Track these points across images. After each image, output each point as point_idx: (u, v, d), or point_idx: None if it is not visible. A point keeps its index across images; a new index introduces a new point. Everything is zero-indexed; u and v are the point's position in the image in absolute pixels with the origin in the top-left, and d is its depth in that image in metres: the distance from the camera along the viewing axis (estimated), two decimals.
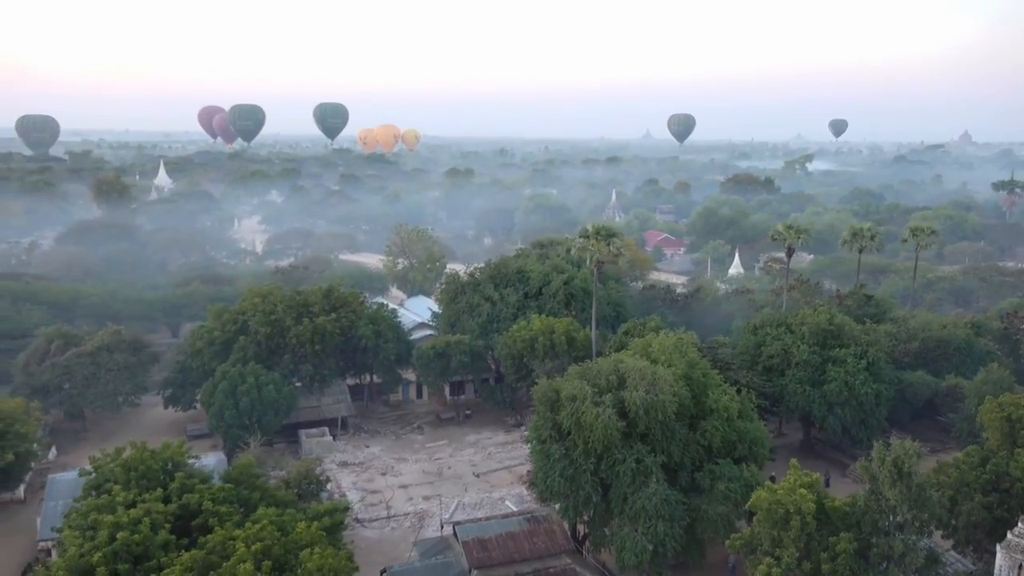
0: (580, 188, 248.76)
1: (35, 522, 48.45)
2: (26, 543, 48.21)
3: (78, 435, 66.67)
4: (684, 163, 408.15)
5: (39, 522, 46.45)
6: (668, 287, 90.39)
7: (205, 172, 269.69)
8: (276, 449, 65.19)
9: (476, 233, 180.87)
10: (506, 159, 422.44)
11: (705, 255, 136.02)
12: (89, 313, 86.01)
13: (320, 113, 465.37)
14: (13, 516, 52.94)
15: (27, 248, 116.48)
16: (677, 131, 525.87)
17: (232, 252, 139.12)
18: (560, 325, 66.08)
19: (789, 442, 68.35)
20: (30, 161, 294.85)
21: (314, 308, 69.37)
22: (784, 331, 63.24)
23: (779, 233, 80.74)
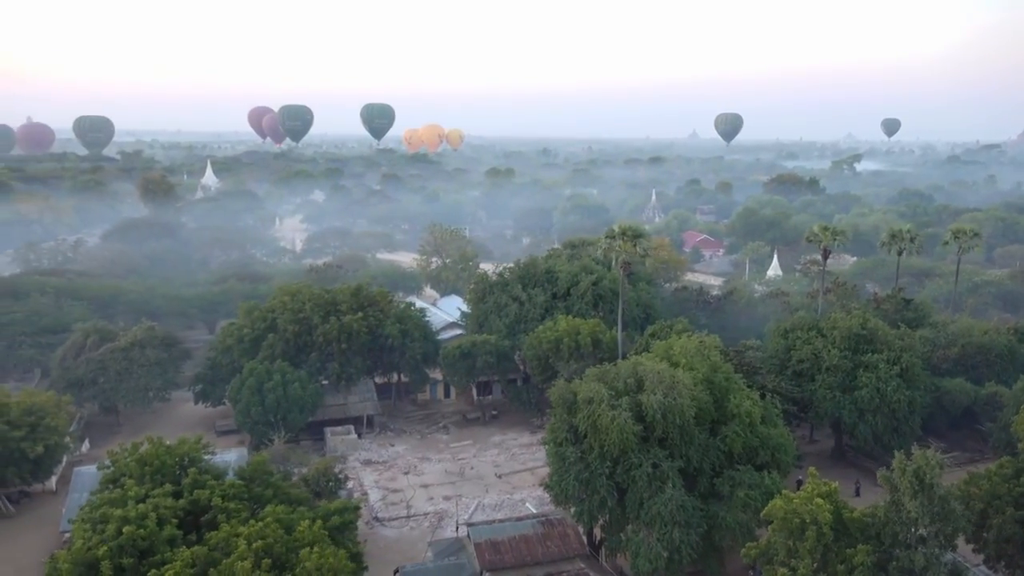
0: (621, 188, 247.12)
1: (62, 513, 49.53)
2: (53, 533, 49.28)
3: (111, 429, 68.07)
4: (729, 163, 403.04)
5: (63, 513, 47.44)
6: (700, 289, 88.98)
7: (251, 172, 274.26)
8: (302, 446, 65.64)
9: (515, 233, 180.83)
10: (548, 159, 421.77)
11: (744, 256, 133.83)
12: (128, 309, 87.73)
13: (367, 114, 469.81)
14: (43, 507, 54.21)
15: (73, 245, 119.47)
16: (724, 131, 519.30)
17: (271, 250, 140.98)
18: (586, 326, 65.52)
19: (821, 449, 66.83)
20: (84, 161, 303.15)
21: (342, 307, 69.80)
22: (815, 335, 61.74)
23: (815, 235, 78.90)
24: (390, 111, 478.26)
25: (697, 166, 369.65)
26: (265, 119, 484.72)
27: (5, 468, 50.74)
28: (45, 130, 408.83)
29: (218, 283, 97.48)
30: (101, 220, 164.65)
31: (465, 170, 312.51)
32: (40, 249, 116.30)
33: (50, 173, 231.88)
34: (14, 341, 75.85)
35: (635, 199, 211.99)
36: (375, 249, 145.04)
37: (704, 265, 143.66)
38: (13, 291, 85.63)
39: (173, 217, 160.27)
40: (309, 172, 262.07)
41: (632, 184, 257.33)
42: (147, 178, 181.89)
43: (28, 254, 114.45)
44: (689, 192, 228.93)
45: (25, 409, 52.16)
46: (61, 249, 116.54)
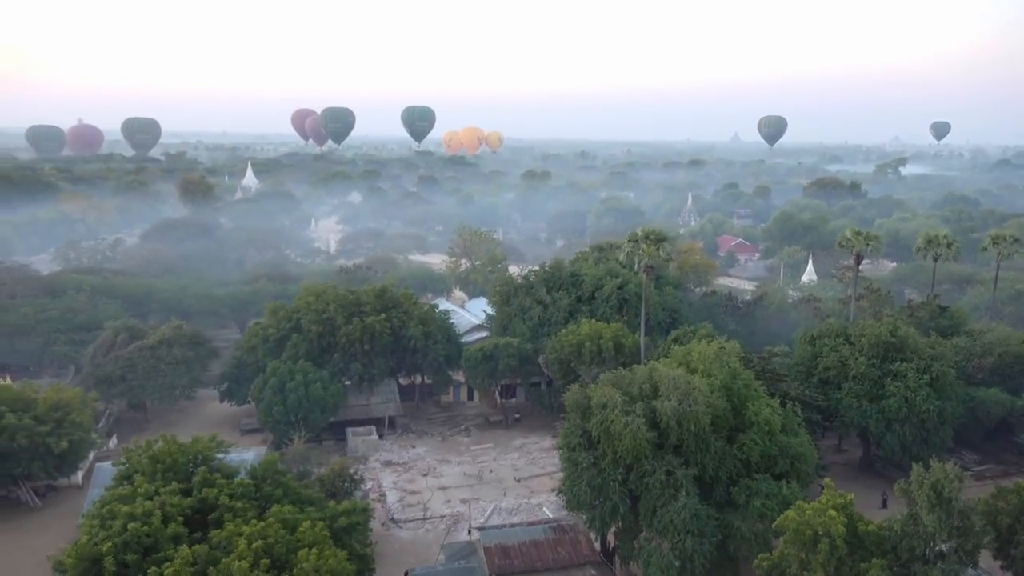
0: (658, 191, 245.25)
1: (83, 507, 50.41)
2: (74, 527, 50.14)
3: (139, 425, 69.13)
4: (770, 166, 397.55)
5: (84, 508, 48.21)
6: (729, 294, 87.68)
7: (290, 173, 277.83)
8: (324, 446, 66.09)
9: (549, 235, 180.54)
10: (586, 161, 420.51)
11: (779, 261, 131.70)
12: (161, 308, 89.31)
13: (408, 116, 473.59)
14: (68, 500, 55.24)
15: (111, 244, 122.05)
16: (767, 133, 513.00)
17: (305, 251, 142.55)
18: (608, 330, 64.92)
19: (849, 459, 65.37)
20: (129, 162, 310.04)
21: (366, 308, 70.12)
22: (842, 342, 60.38)
23: (847, 239, 77.33)
24: (431, 114, 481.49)
25: (737, 169, 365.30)
26: (308, 121, 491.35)
27: (31, 462, 51.78)
28: (94, 131, 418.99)
29: (249, 283, 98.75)
30: (142, 220, 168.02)
31: (502, 172, 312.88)
32: (80, 248, 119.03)
33: (96, 174, 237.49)
34: (49, 338, 77.60)
35: (671, 202, 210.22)
36: (408, 250, 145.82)
37: (738, 270, 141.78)
38: (51, 289, 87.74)
39: (211, 217, 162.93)
40: (347, 174, 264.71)
41: (670, 187, 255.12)
42: (186, 179, 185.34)
43: (68, 253, 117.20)
44: (726, 196, 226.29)
45: (51, 405, 53.23)
46: (100, 248, 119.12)
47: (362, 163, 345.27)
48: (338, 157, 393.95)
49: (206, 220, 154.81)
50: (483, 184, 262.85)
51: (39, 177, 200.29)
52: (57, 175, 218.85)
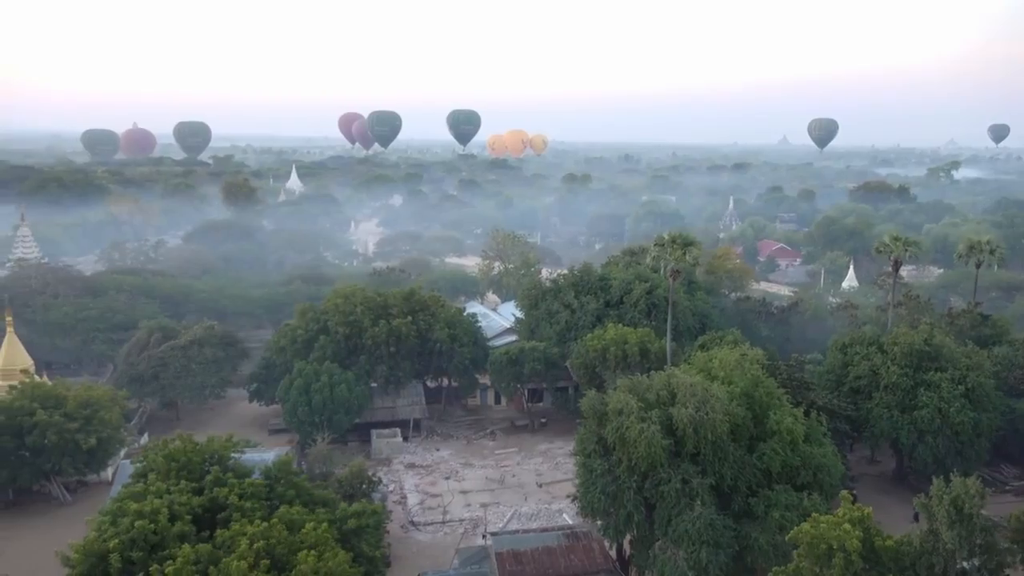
0: (700, 195, 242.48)
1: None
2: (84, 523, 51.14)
3: (171, 424, 70.31)
4: (818, 170, 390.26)
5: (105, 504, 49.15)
6: (763, 300, 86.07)
7: (334, 176, 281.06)
8: (350, 447, 66.61)
9: (588, 239, 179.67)
10: (630, 165, 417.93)
11: (820, 267, 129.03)
12: (198, 308, 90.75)
13: (453, 119, 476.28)
14: (98, 496, 56.25)
15: (154, 246, 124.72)
16: (818, 136, 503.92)
17: (343, 253, 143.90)
18: (634, 335, 64.20)
19: (882, 471, 63.67)
20: (178, 165, 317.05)
21: (393, 310, 70.40)
22: (874, 351, 58.79)
23: (885, 245, 75.32)
24: (476, 117, 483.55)
25: (783, 173, 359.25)
26: (355, 125, 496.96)
27: (60, 458, 52.99)
28: (147, 135, 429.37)
29: (284, 284, 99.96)
30: (187, 222, 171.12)
31: (543, 175, 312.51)
32: (124, 249, 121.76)
33: (145, 176, 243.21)
34: (88, 336, 79.47)
35: (713, 206, 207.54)
36: (444, 253, 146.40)
37: (779, 275, 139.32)
38: (92, 289, 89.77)
39: (253, 219, 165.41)
40: (389, 177, 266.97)
41: (712, 191, 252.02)
42: (229, 182, 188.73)
43: (113, 253, 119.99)
44: (769, 200, 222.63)
45: (81, 402, 54.40)
46: (143, 249, 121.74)
47: (405, 166, 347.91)
48: (382, 160, 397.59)
49: (248, 222, 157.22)
50: (524, 187, 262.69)
51: (90, 180, 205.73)
52: (108, 178, 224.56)
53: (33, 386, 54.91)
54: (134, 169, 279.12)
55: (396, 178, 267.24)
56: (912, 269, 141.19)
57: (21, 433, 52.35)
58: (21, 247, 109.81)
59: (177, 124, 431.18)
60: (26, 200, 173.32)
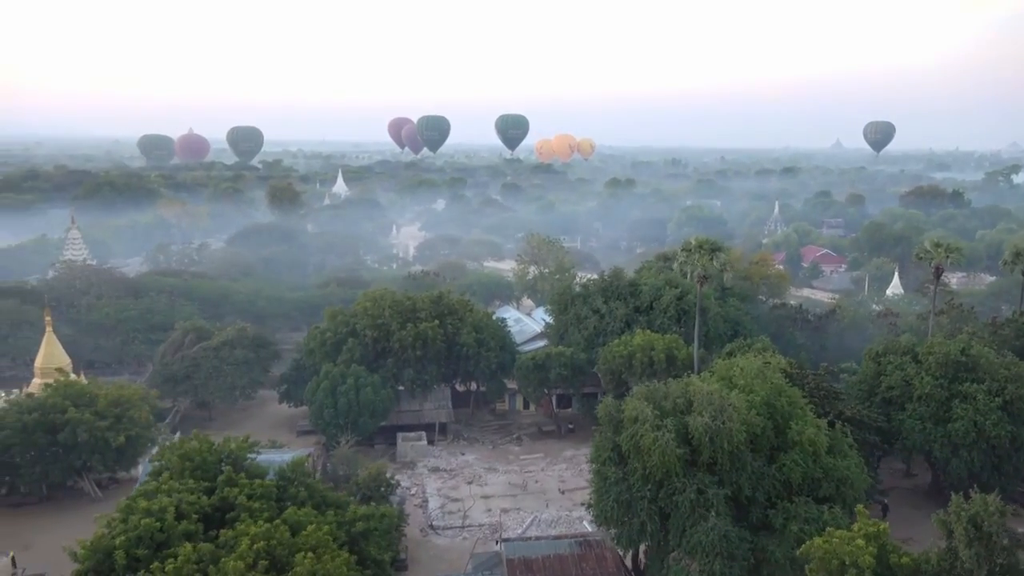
0: (746, 200, 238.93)
1: None
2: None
3: (203, 423, 71.47)
4: (870, 174, 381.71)
5: None
6: (800, 307, 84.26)
7: (379, 180, 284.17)
8: (376, 450, 67.05)
9: (629, 244, 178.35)
10: (677, 169, 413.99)
11: (865, 273, 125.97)
12: (235, 310, 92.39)
13: (502, 124, 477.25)
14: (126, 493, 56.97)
15: (197, 248, 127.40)
16: (874, 140, 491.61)
17: (384, 257, 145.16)
18: (661, 342, 63.40)
19: (917, 484, 61.73)
20: (228, 169, 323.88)
21: (421, 314, 70.62)
22: (908, 360, 57.03)
23: (925, 251, 73.16)
24: (524, 122, 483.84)
25: (834, 178, 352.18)
26: (404, 130, 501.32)
27: (91, 455, 54.31)
28: (201, 140, 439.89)
29: (321, 287, 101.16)
30: (234, 225, 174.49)
31: (588, 180, 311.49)
32: (168, 251, 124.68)
33: (196, 181, 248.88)
34: (128, 336, 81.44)
35: (758, 211, 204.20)
36: (483, 257, 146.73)
37: (823, 281, 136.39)
38: (135, 290, 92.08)
39: (297, 223, 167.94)
40: (433, 181, 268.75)
41: (759, 196, 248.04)
42: (274, 186, 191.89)
43: (158, 255, 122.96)
44: (817, 204, 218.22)
45: (112, 401, 55.69)
46: (186, 252, 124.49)
47: (451, 171, 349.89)
48: (428, 165, 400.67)
49: (291, 226, 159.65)
50: (567, 192, 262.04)
51: (143, 184, 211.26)
52: (160, 182, 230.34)
53: (66, 384, 56.38)
54: (186, 173, 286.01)
55: (440, 182, 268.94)
56: (962, 276, 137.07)
57: (54, 430, 53.78)
58: (71, 249, 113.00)
59: (231, 129, 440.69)
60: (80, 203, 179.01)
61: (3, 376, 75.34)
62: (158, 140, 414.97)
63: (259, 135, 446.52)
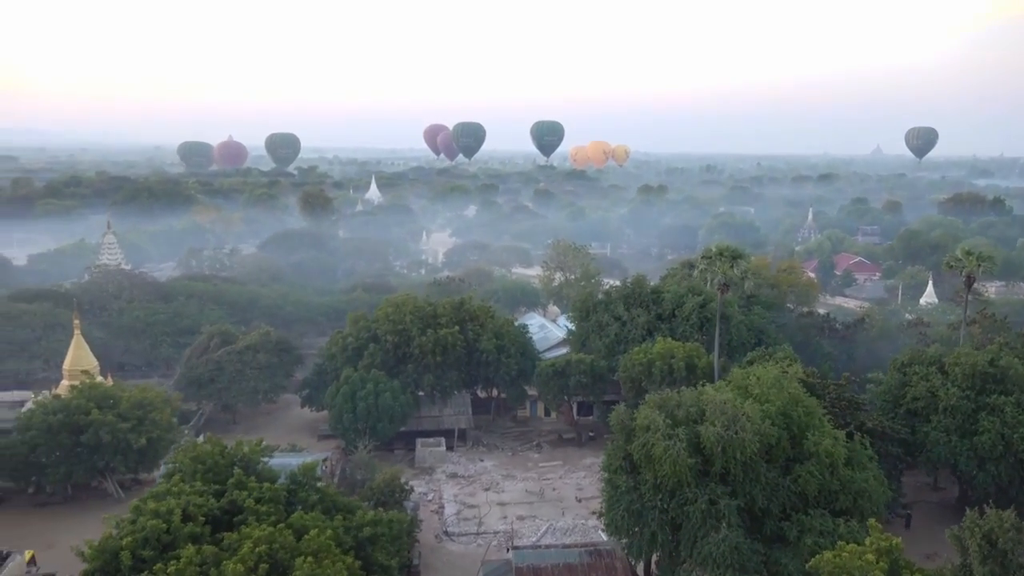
0: (780, 206, 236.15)
1: None
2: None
3: (227, 426, 72.46)
4: (910, 181, 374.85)
5: None
6: (827, 315, 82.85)
7: (412, 187, 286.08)
8: (395, 455, 67.22)
9: (660, 251, 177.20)
10: (711, 176, 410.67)
11: (899, 282, 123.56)
12: (263, 314, 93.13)
13: (537, 131, 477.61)
14: None
15: (228, 254, 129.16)
16: (916, 146, 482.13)
17: (412, 263, 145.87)
18: (681, 350, 62.79)
19: (944, 498, 60.22)
20: (265, 175, 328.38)
21: (441, 320, 70.73)
22: (934, 371, 55.74)
23: (956, 260, 71.60)
24: (559, 128, 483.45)
25: (872, 184, 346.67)
26: (440, 136, 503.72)
27: (113, 456, 55.19)
28: (239, 147, 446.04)
29: (347, 292, 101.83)
30: (267, 231, 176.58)
31: (621, 187, 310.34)
32: (200, 256, 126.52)
33: (232, 187, 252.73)
34: (156, 340, 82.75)
35: (792, 218, 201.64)
36: (511, 264, 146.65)
37: (855, 290, 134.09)
38: (165, 294, 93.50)
39: (329, 229, 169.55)
40: (465, 187, 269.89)
41: (794, 203, 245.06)
42: (306, 192, 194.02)
43: (190, 260, 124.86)
44: (852, 212, 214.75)
45: (134, 403, 56.55)
46: (218, 257, 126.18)
47: (484, 177, 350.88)
48: (461, 171, 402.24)
49: (323, 231, 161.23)
50: (600, 198, 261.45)
51: (180, 190, 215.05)
52: (197, 188, 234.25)
53: (91, 386, 57.36)
54: (223, 180, 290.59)
55: (472, 189, 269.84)
56: (1001, 285, 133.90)
57: (78, 431, 54.72)
58: (107, 254, 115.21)
59: (269, 135, 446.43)
60: (119, 209, 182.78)
61: (36, 378, 76.75)
62: (197, 147, 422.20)
63: (296, 141, 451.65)
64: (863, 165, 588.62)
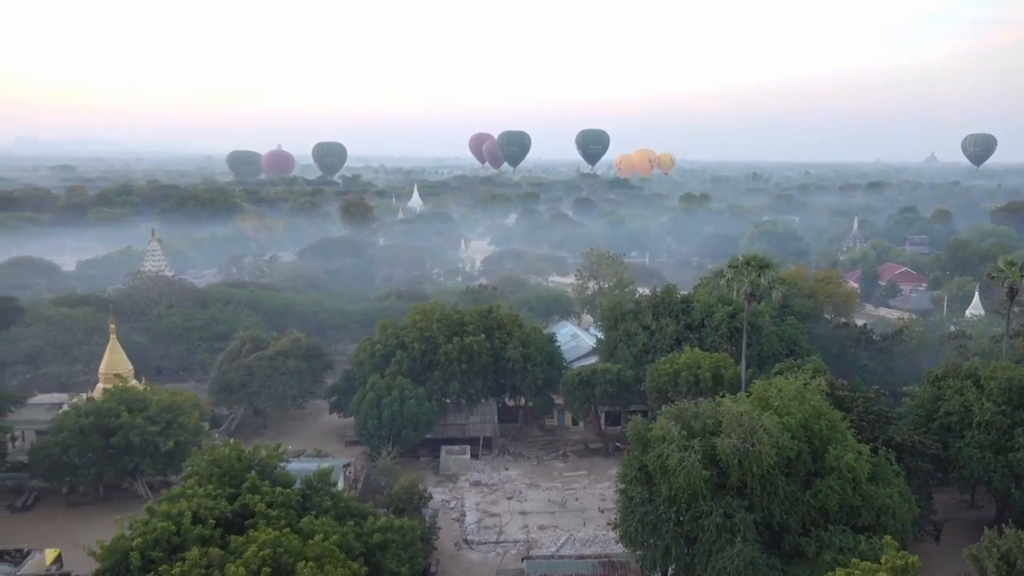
0: (825, 215, 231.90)
1: None
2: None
3: (258, 430, 73.48)
4: (965, 189, 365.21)
5: None
6: (864, 326, 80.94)
7: (454, 195, 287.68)
8: (421, 462, 67.42)
9: (700, 260, 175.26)
10: (757, 184, 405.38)
11: (945, 293, 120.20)
12: (297, 321, 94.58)
13: (582, 139, 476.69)
14: None
15: (268, 261, 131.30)
16: (973, 153, 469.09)
17: (449, 271, 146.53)
18: (708, 360, 61.90)
19: (981, 516, 58.11)
20: (310, 184, 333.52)
21: (468, 327, 70.83)
22: (969, 385, 54.03)
23: (998, 270, 69.47)
24: (604, 137, 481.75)
25: (924, 193, 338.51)
26: (485, 145, 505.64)
27: (142, 458, 56.34)
28: (286, 156, 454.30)
29: (381, 300, 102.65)
30: (309, 238, 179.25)
31: (663, 195, 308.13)
32: (241, 263, 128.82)
33: (277, 195, 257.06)
34: (193, 345, 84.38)
35: (837, 228, 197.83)
36: (547, 272, 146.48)
37: (900, 300, 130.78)
38: (203, 300, 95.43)
39: (369, 237, 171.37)
40: (506, 196, 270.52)
41: (841, 212, 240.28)
42: (347, 201, 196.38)
43: (230, 267, 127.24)
44: (900, 220, 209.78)
45: (164, 406, 57.67)
46: (257, 264, 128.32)
47: (525, 186, 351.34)
48: (504, 180, 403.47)
49: (363, 239, 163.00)
50: (642, 207, 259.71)
51: (226, 198, 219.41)
52: (243, 196, 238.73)
53: (122, 390, 58.66)
54: (269, 188, 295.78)
55: (513, 197, 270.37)
56: None
57: (108, 433, 56.00)
58: (150, 260, 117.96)
59: (316, 144, 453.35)
60: (167, 216, 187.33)
61: (77, 381, 78.81)
62: (246, 156, 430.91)
63: (342, 150, 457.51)
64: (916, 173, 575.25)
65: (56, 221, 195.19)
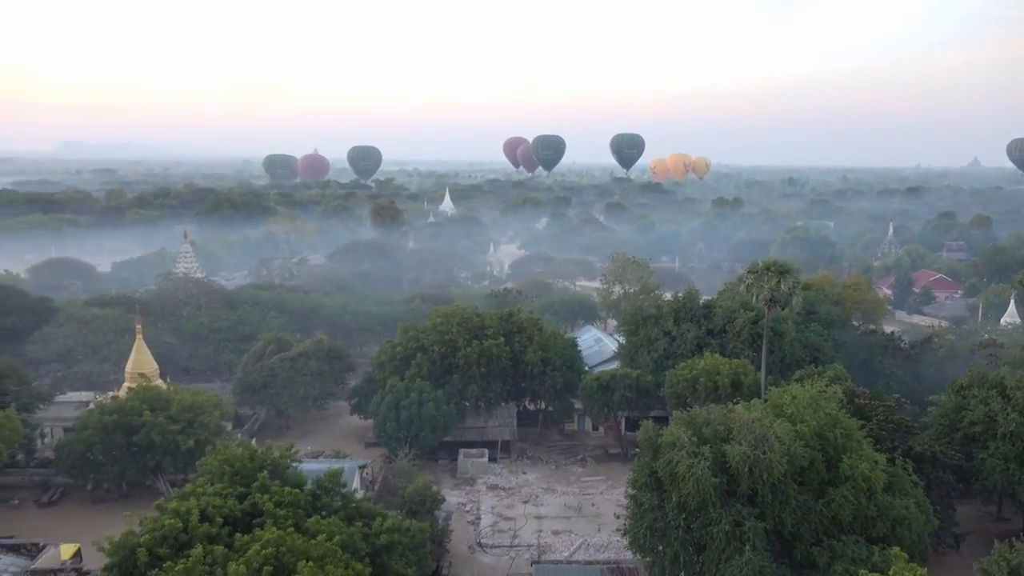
0: (861, 220, 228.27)
1: None
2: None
3: (281, 431, 74.25)
4: (1008, 194, 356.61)
5: None
6: (892, 334, 79.52)
7: (485, 199, 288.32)
8: (439, 465, 67.65)
9: (731, 265, 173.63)
10: (793, 188, 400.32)
11: (980, 300, 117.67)
12: (324, 323, 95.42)
13: (616, 144, 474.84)
14: None
15: (297, 263, 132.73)
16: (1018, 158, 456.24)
17: (477, 274, 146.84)
18: (727, 366, 61.33)
19: (1009, 529, 56.66)
20: (343, 188, 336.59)
21: (488, 331, 70.91)
22: (994, 395, 52.82)
23: None
24: (639, 141, 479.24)
25: (964, 198, 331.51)
26: (520, 149, 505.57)
27: (163, 457, 57.25)
28: (321, 160, 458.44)
29: (406, 302, 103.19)
30: (340, 241, 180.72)
31: (695, 199, 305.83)
32: (271, 265, 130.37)
33: (310, 199, 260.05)
34: (219, 345, 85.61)
35: (872, 233, 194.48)
36: (575, 276, 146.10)
37: (935, 308, 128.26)
38: (231, 302, 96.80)
39: (399, 240, 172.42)
40: (538, 200, 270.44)
41: (877, 217, 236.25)
42: (377, 205, 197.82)
43: (260, 269, 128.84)
44: (937, 226, 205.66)
45: (185, 406, 58.53)
46: (287, 266, 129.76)
47: (558, 190, 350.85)
48: (537, 184, 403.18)
49: (393, 243, 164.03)
50: (674, 211, 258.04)
51: (260, 201, 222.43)
52: (277, 199, 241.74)
53: (145, 389, 59.70)
54: (302, 192, 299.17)
55: (545, 201, 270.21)
56: None
57: (131, 431, 57.01)
58: (183, 262, 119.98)
59: (351, 148, 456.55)
60: (202, 219, 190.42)
61: (106, 380, 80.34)
62: (282, 159, 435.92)
63: (377, 154, 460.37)
64: (957, 178, 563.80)
65: (95, 223, 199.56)
